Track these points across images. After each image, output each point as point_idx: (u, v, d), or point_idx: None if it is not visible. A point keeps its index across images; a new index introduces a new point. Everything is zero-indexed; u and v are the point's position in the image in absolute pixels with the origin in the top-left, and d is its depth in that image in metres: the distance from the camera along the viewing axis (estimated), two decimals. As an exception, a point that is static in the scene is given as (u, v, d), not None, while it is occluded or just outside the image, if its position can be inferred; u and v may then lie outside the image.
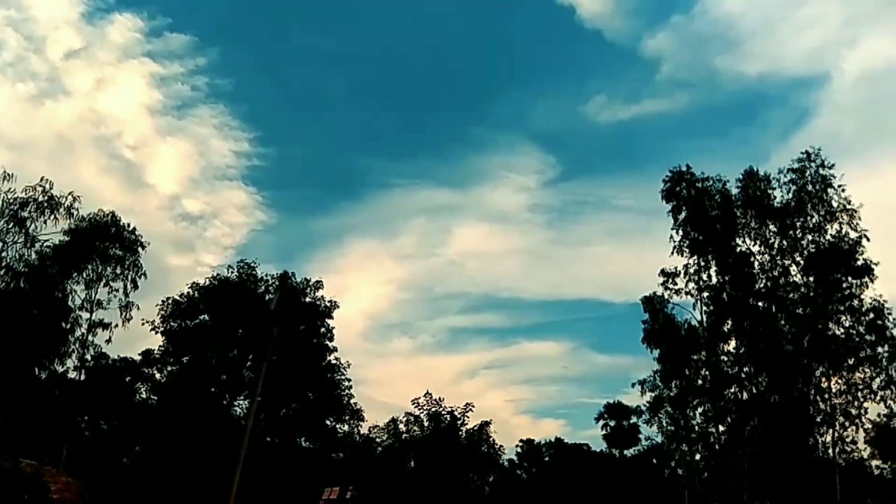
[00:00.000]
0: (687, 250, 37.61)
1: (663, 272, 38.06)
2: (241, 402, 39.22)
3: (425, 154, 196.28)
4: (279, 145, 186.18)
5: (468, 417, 36.39)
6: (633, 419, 65.58)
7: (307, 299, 40.23)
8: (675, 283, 37.86)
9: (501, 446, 41.06)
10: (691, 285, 37.51)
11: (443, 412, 36.29)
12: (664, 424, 38.93)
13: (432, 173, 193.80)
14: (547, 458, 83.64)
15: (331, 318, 40.58)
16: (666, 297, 38.44)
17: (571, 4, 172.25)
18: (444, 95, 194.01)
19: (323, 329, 40.35)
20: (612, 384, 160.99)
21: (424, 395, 36.76)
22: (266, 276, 40.89)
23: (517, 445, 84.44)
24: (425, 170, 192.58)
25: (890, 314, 34.21)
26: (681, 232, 37.72)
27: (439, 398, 36.73)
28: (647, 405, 39.22)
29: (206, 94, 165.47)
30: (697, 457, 39.35)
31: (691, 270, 37.49)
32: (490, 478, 59.00)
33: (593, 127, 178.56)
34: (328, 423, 40.53)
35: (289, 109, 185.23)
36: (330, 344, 40.47)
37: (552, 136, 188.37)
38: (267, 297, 38.50)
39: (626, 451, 71.58)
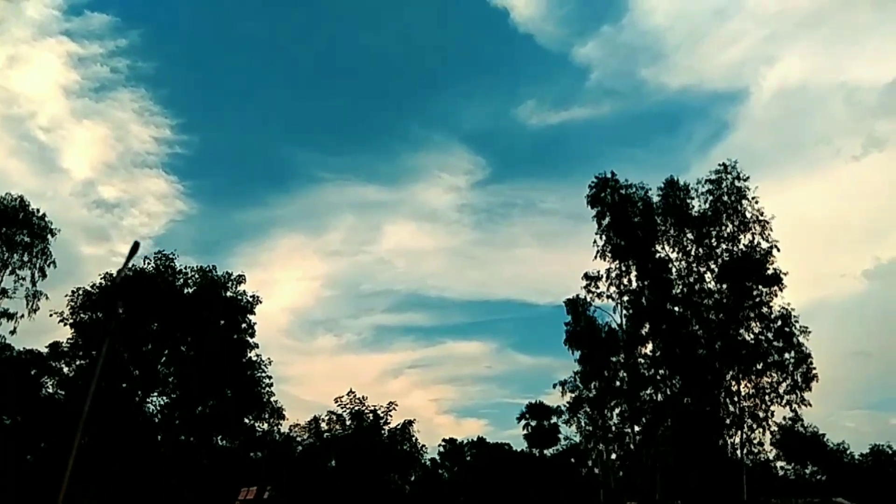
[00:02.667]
0: (609, 255, 38.54)
1: (586, 276, 38.95)
2: (155, 398, 37.73)
3: (356, 149, 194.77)
4: (203, 133, 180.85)
5: (391, 416, 36.16)
6: (554, 419, 66.85)
7: (228, 294, 39.03)
8: (598, 287, 38.81)
9: (424, 446, 40.98)
10: (613, 289, 38.56)
11: (365, 411, 35.89)
12: (583, 424, 39.75)
13: (363, 169, 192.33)
14: (469, 458, 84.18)
15: (252, 313, 39.56)
16: (588, 300, 39.38)
17: (505, 8, 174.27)
18: (377, 91, 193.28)
19: (244, 325, 39.26)
20: (534, 384, 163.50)
21: (347, 394, 36.28)
22: (185, 268, 39.47)
23: (440, 445, 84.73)
24: (356, 165, 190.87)
25: (797, 322, 35.93)
26: (604, 237, 38.65)
27: (362, 397, 36.34)
28: (567, 405, 40.02)
29: (127, 77, 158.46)
30: (613, 456, 40.39)
31: (613, 275, 38.48)
32: (412, 477, 58.88)
33: (523, 130, 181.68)
34: (247, 421, 39.45)
35: (214, 96, 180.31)
36: (251, 340, 39.45)
37: (483, 137, 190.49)
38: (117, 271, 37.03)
39: (546, 451, 72.86)
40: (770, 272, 36.25)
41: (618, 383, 38.51)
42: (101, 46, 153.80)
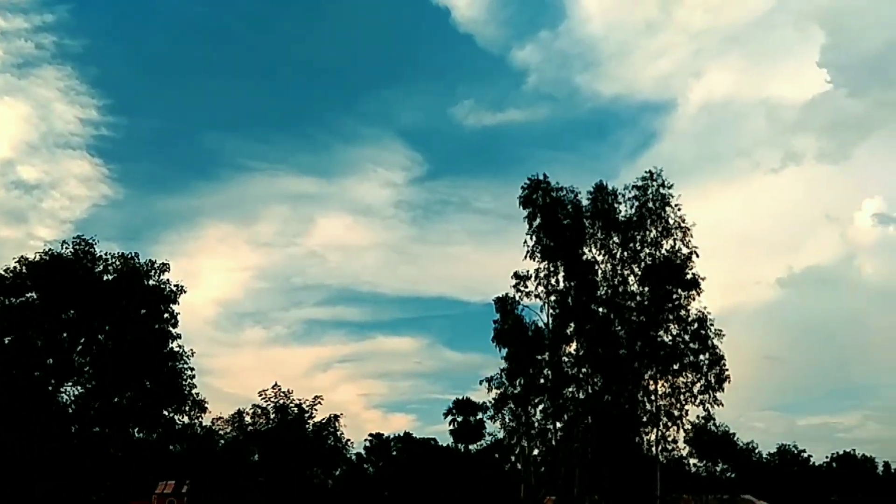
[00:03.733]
0: (539, 255, 39.25)
1: (516, 275, 39.55)
2: (69, 388, 36.33)
3: (290, 140, 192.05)
4: (131, 115, 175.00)
5: (316, 410, 36.01)
6: (480, 415, 67.66)
7: (150, 282, 37.92)
8: (526, 286, 39.44)
9: (349, 440, 40.96)
10: (541, 289, 39.23)
11: (290, 405, 35.61)
12: (507, 421, 40.41)
13: (297, 160, 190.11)
14: (395, 453, 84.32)
15: (176, 303, 38.59)
16: (517, 298, 39.92)
17: (447, 6, 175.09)
18: (315, 82, 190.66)
19: (166, 315, 38.23)
20: (463, 381, 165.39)
21: (272, 387, 35.90)
22: (106, 254, 38.10)
23: (366, 440, 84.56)
24: (289, 156, 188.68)
25: (712, 325, 37.37)
26: (534, 238, 39.31)
27: (288, 390, 36.07)
28: (493, 402, 40.56)
29: (52, 55, 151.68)
30: (535, 452, 41.19)
31: (542, 275, 39.19)
32: (337, 472, 58.59)
33: (460, 129, 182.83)
34: (166, 413, 38.45)
35: (144, 78, 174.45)
36: (173, 330, 38.46)
37: (421, 134, 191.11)
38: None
39: (471, 447, 73.72)
40: (689, 277, 37.65)
41: (542, 381, 39.31)
42: (26, 21, 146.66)
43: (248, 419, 41.22)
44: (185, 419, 38.95)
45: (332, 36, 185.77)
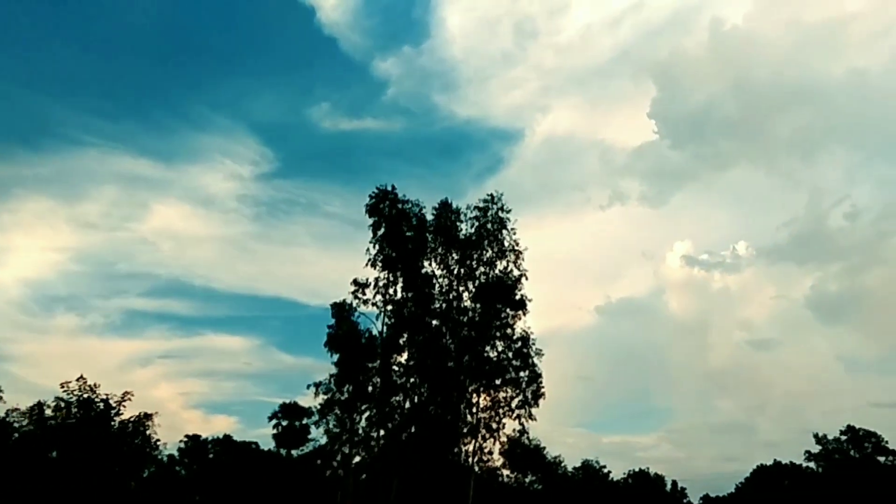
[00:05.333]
0: (380, 264, 39.76)
1: (355, 282, 39.77)
2: None
3: (131, 117, 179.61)
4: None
5: (125, 407, 33.67)
6: (306, 420, 66.63)
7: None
8: (365, 294, 39.76)
9: (159, 440, 38.66)
10: (378, 297, 39.72)
11: (96, 399, 33.04)
12: (331, 426, 40.26)
13: (137, 139, 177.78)
14: (212, 455, 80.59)
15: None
16: (354, 305, 40.15)
17: (313, 6, 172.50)
18: (164, 61, 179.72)
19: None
20: (293, 384, 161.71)
21: (77, 380, 33.13)
22: None
23: (181, 441, 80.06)
24: (127, 134, 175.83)
25: (534, 344, 39.87)
26: (377, 246, 39.81)
27: (94, 384, 33.41)
28: (319, 407, 40.26)
29: None
30: (357, 459, 41.36)
31: (381, 284, 39.70)
32: (144, 473, 55.02)
33: (316, 131, 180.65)
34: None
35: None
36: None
37: (274, 130, 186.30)
38: None
39: (293, 451, 72.23)
40: (518, 297, 39.88)
41: (370, 388, 39.66)
42: None
43: (49, 412, 37.72)
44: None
45: (188, 19, 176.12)
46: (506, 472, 64.23)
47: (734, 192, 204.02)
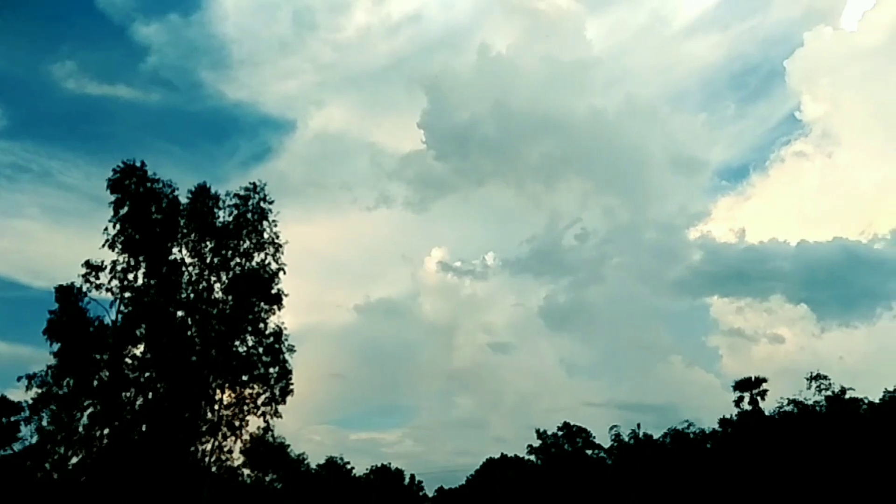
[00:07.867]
0: (120, 246, 36.30)
1: (88, 263, 35.85)
2: None
3: None
4: None
5: None
6: (14, 417, 58.27)
7: None
8: (99, 278, 36.04)
9: None
10: (115, 283, 36.17)
11: None
12: (45, 424, 35.63)
13: None
14: None
15: None
16: (85, 290, 36.09)
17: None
18: None
19: None
20: (4, 376, 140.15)
21: None
22: None
23: None
24: None
25: (286, 340, 38.96)
26: (119, 226, 36.33)
27: None
28: (31, 402, 35.43)
29: None
30: (75, 459, 37.03)
31: (119, 268, 36.21)
32: None
33: (56, 90, 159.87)
34: None
35: None
36: None
37: (5, 83, 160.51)
38: None
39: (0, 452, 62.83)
40: (274, 292, 38.79)
41: (96, 382, 35.74)
42: None
43: None
44: None
45: None
46: (246, 471, 62.05)
47: (487, 207, 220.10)
